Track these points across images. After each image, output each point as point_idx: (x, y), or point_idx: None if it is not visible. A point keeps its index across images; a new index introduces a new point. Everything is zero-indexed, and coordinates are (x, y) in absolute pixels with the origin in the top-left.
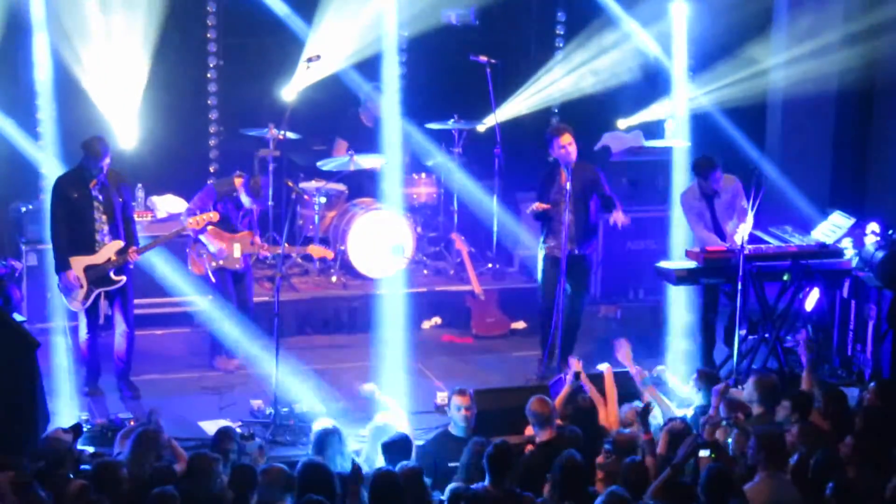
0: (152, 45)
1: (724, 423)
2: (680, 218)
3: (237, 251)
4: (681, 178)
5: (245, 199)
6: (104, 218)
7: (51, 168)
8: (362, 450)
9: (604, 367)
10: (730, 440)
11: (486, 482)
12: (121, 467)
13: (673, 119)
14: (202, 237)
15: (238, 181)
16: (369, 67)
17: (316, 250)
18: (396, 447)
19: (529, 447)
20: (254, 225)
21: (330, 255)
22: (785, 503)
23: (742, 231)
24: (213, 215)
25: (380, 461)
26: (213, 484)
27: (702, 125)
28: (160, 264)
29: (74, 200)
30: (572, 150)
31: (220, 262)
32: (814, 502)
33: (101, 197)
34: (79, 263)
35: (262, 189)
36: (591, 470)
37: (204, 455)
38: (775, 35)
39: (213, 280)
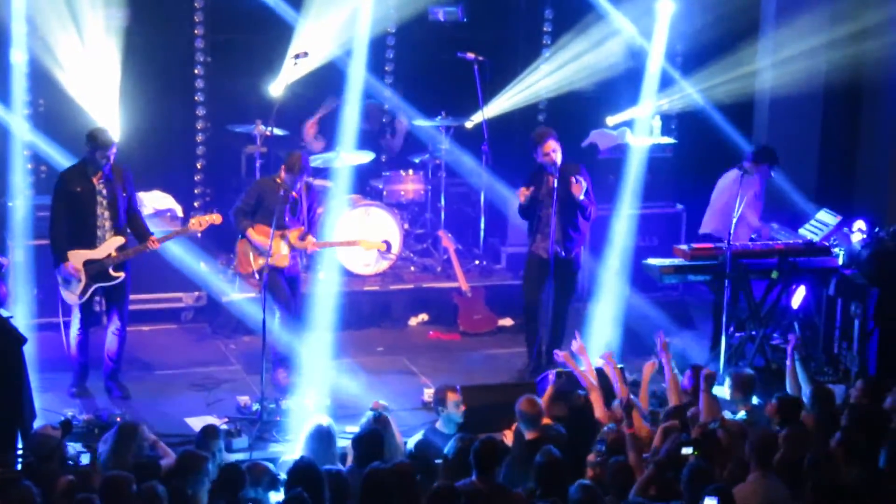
0: (139, 42)
1: (711, 425)
2: None
3: (285, 248)
4: (669, 175)
5: (287, 180)
6: (107, 213)
7: (36, 165)
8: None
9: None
10: None
11: (473, 478)
12: (130, 483)
13: (660, 116)
14: (248, 235)
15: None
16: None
17: (368, 244)
18: (365, 442)
19: (510, 438)
20: (305, 221)
21: (383, 247)
22: (775, 503)
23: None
24: (217, 217)
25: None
26: (201, 482)
27: (689, 123)
28: (151, 260)
29: (78, 194)
30: (557, 155)
31: (268, 260)
32: (802, 500)
33: (104, 191)
34: (79, 257)
35: (302, 162)
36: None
37: (194, 453)
38: (763, 35)
39: (258, 278)
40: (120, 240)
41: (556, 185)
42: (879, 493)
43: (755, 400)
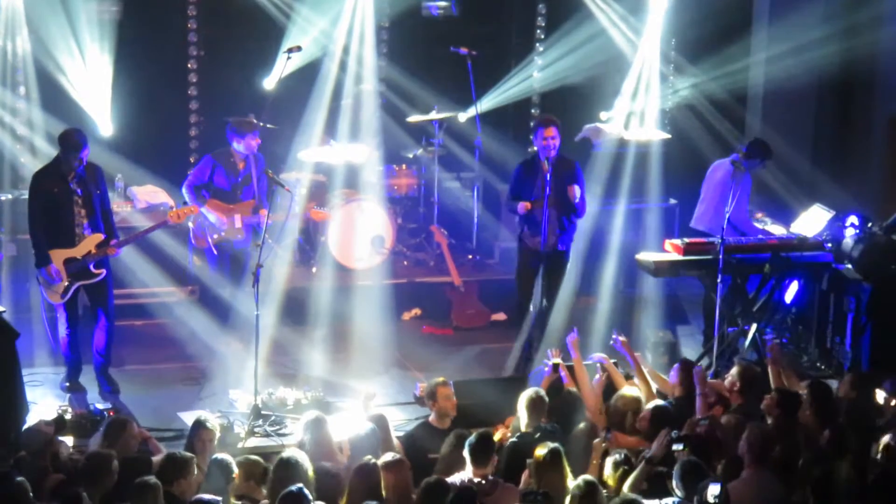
0: (133, 35)
1: (701, 422)
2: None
3: (238, 221)
4: (662, 170)
5: (239, 146)
6: (83, 212)
7: (30, 159)
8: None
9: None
10: None
11: (468, 472)
12: (112, 459)
13: (653, 111)
14: (203, 209)
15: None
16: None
17: (317, 214)
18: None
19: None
20: (254, 193)
21: (328, 216)
22: (770, 500)
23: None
24: (194, 208)
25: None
26: (187, 482)
27: (683, 117)
28: (144, 254)
29: (54, 195)
30: (554, 143)
31: (222, 234)
32: (796, 495)
33: (79, 190)
34: (59, 256)
35: (248, 123)
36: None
37: (176, 455)
38: (756, 30)
39: (216, 253)
40: (98, 237)
41: (548, 176)
42: (871, 487)
43: None
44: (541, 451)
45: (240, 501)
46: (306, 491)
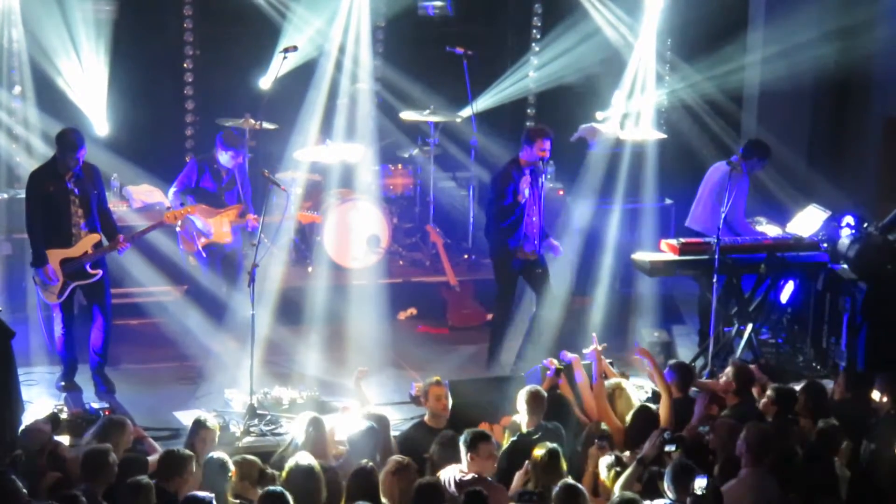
0: (129, 35)
1: (700, 428)
2: None
3: (225, 225)
4: (658, 170)
5: (224, 158)
6: (80, 212)
7: (25, 158)
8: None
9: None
10: None
11: (463, 466)
12: (109, 452)
13: (649, 111)
14: (192, 214)
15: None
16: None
17: (305, 217)
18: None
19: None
20: (241, 199)
21: (318, 219)
22: (767, 499)
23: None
24: (191, 209)
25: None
26: (182, 479)
27: (679, 117)
28: (139, 254)
29: (51, 194)
30: (547, 155)
31: (210, 239)
32: (792, 495)
33: (76, 190)
34: (55, 256)
35: (238, 138)
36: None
37: (175, 452)
38: (752, 31)
39: (205, 255)
40: (95, 237)
41: (542, 183)
42: (861, 486)
43: None
44: (539, 451)
45: (237, 500)
46: (287, 495)
